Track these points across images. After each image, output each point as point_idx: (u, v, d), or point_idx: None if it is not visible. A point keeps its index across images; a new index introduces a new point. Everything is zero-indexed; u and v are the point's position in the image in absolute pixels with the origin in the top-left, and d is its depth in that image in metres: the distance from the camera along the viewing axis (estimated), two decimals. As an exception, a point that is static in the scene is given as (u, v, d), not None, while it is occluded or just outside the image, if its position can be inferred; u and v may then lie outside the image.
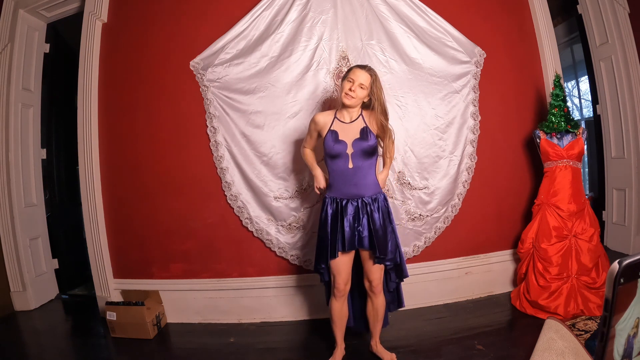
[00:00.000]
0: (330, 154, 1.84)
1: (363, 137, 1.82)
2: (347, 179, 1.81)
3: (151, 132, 2.68)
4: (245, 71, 2.52)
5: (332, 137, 1.84)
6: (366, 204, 1.80)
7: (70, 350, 2.43)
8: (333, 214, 1.82)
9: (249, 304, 2.61)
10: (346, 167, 1.81)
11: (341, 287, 1.86)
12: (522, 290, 2.44)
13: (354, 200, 1.81)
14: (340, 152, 1.81)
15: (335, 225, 1.81)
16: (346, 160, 1.81)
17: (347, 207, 1.80)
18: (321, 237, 1.87)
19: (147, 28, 2.70)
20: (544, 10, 2.76)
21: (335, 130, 1.85)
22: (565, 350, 0.80)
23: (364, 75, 1.81)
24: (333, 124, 1.87)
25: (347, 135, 1.83)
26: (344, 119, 1.87)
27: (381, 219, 1.81)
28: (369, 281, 1.88)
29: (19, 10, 3.00)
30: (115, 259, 2.80)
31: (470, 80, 2.60)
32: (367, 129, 1.84)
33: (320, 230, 1.88)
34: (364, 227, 1.79)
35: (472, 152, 2.62)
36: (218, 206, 2.62)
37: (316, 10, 2.50)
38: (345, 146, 1.82)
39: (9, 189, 2.99)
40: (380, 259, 1.79)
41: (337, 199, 1.84)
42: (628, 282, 0.45)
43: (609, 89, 3.14)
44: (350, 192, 1.82)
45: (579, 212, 2.38)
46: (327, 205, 1.85)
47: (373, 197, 1.83)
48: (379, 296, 1.90)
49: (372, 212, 1.80)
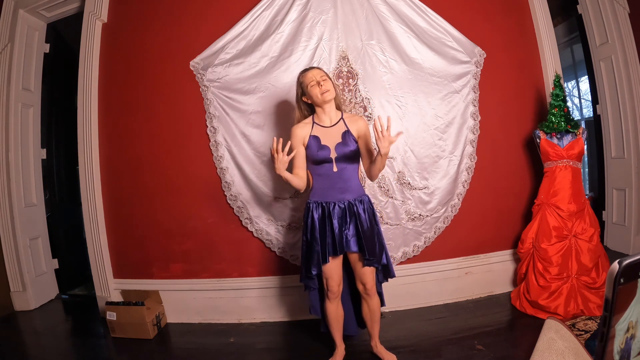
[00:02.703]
0: (315, 159, 1.81)
1: (345, 141, 1.80)
2: (332, 183, 1.80)
3: (151, 132, 2.68)
4: (246, 71, 2.52)
5: (315, 142, 1.81)
6: (352, 205, 1.79)
7: (70, 351, 2.43)
8: (320, 218, 1.79)
9: (249, 304, 2.61)
10: (330, 171, 1.80)
11: (335, 290, 1.85)
12: (522, 290, 2.44)
13: (341, 202, 1.79)
14: (325, 157, 1.79)
15: (324, 229, 1.78)
16: (330, 164, 1.80)
17: (334, 209, 1.78)
18: (309, 242, 1.81)
19: (147, 28, 2.70)
20: (544, 10, 2.76)
21: (316, 135, 1.83)
22: (565, 350, 0.80)
23: (316, 72, 1.83)
24: (313, 129, 1.84)
25: (329, 140, 1.81)
26: (323, 123, 1.85)
27: (368, 220, 1.79)
28: (362, 284, 1.85)
29: (19, 10, 3.00)
30: (115, 259, 2.80)
31: (470, 80, 2.60)
32: (348, 132, 1.82)
33: (307, 235, 1.82)
34: (351, 229, 1.77)
35: (472, 152, 2.63)
36: (218, 206, 2.62)
37: (316, 10, 2.50)
38: (328, 151, 1.79)
39: (9, 189, 2.99)
40: (369, 260, 1.77)
41: (322, 202, 1.80)
42: (628, 282, 0.45)
43: (609, 89, 3.14)
44: (335, 196, 1.79)
45: (579, 212, 2.38)
46: (312, 210, 1.81)
47: (359, 199, 1.81)
48: (373, 298, 1.89)
49: (359, 213, 1.78)
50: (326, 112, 1.84)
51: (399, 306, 2.55)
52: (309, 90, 1.81)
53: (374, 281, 1.87)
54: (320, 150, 1.79)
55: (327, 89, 1.78)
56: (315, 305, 1.98)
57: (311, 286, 1.91)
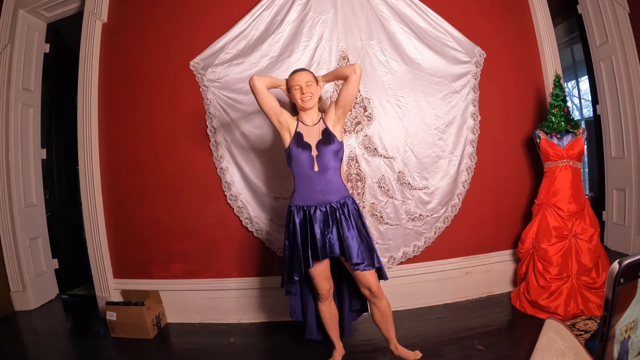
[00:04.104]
0: (296, 156, 1.78)
1: (325, 139, 1.79)
2: (313, 184, 1.75)
3: (151, 131, 2.69)
4: (246, 71, 2.52)
5: (297, 139, 1.80)
6: (335, 209, 1.74)
7: (70, 351, 2.43)
8: (301, 223, 1.75)
9: (249, 304, 2.61)
10: (312, 170, 1.76)
11: (325, 292, 1.84)
12: (522, 290, 2.44)
13: (322, 206, 1.74)
14: (306, 154, 1.77)
15: (305, 234, 1.73)
16: (311, 163, 1.77)
17: (316, 213, 1.74)
18: (291, 247, 1.77)
19: (147, 28, 2.70)
20: (544, 10, 2.76)
21: (300, 132, 1.82)
22: (565, 350, 0.80)
23: (304, 76, 1.79)
24: (298, 126, 1.84)
25: (310, 137, 1.80)
26: (306, 122, 1.85)
27: (353, 223, 1.74)
28: (367, 288, 1.79)
29: (19, 10, 3.01)
30: (115, 259, 2.80)
31: (470, 80, 2.60)
32: (327, 130, 1.81)
33: (289, 240, 1.78)
34: (334, 233, 1.72)
35: (472, 152, 2.63)
36: (218, 206, 2.62)
37: (316, 10, 2.50)
38: (310, 148, 1.78)
39: (9, 189, 2.99)
40: (355, 265, 1.70)
41: (303, 206, 1.76)
42: (628, 282, 0.45)
43: (609, 89, 3.14)
44: (317, 198, 1.75)
45: (579, 212, 2.38)
46: (293, 214, 1.77)
47: (341, 201, 1.76)
48: (382, 299, 1.83)
49: (341, 217, 1.73)
50: (308, 114, 1.85)
51: (399, 306, 2.54)
52: (292, 92, 1.82)
53: (378, 282, 1.82)
54: (301, 147, 1.78)
55: (308, 96, 1.77)
56: (297, 310, 1.97)
57: (292, 291, 1.88)
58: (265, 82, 1.79)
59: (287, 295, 1.92)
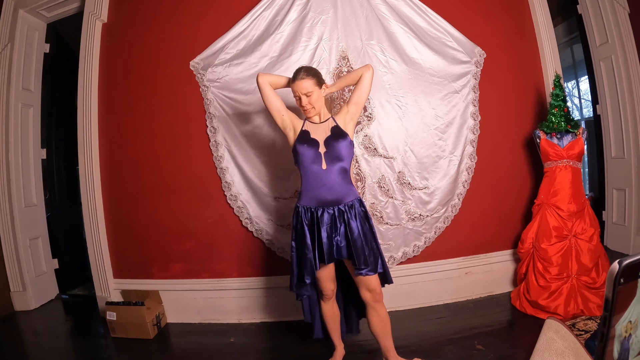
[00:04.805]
0: (301, 152, 1.74)
1: (335, 135, 1.76)
2: (321, 182, 1.71)
3: (151, 132, 2.69)
4: (246, 71, 2.52)
5: (304, 136, 1.78)
6: (342, 211, 1.70)
7: (70, 351, 2.43)
8: (309, 225, 1.71)
9: (249, 304, 2.61)
10: (320, 168, 1.72)
11: (329, 293, 1.84)
12: (522, 290, 2.44)
13: (330, 208, 1.71)
14: (312, 150, 1.73)
15: (313, 236, 1.70)
16: (319, 160, 1.73)
17: (323, 216, 1.70)
18: (299, 249, 1.74)
19: (147, 28, 2.70)
20: (544, 10, 2.76)
21: (306, 130, 1.80)
22: (565, 350, 0.80)
23: (303, 85, 1.74)
24: (304, 125, 1.83)
25: (318, 134, 1.78)
26: (313, 120, 1.84)
27: (359, 226, 1.70)
28: (369, 291, 1.75)
29: (19, 10, 3.01)
30: (115, 259, 2.81)
31: (470, 80, 2.60)
32: (337, 127, 1.79)
33: (297, 242, 1.75)
34: (342, 236, 1.69)
35: (472, 152, 2.63)
36: (218, 206, 2.62)
37: (316, 10, 2.50)
38: (317, 145, 1.75)
39: (9, 189, 2.99)
40: (358, 269, 1.68)
41: (311, 208, 1.72)
42: (628, 282, 0.45)
43: (609, 89, 3.14)
44: (325, 198, 1.70)
45: (579, 212, 2.38)
46: (301, 216, 1.73)
47: (349, 204, 1.72)
48: (382, 305, 1.78)
49: (349, 220, 1.69)
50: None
51: (399, 306, 2.54)
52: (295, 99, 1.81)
53: (380, 286, 1.79)
54: (308, 143, 1.75)
55: (306, 108, 1.76)
56: (308, 312, 1.95)
57: (304, 293, 1.83)
58: (269, 79, 1.84)
59: (298, 299, 1.88)
